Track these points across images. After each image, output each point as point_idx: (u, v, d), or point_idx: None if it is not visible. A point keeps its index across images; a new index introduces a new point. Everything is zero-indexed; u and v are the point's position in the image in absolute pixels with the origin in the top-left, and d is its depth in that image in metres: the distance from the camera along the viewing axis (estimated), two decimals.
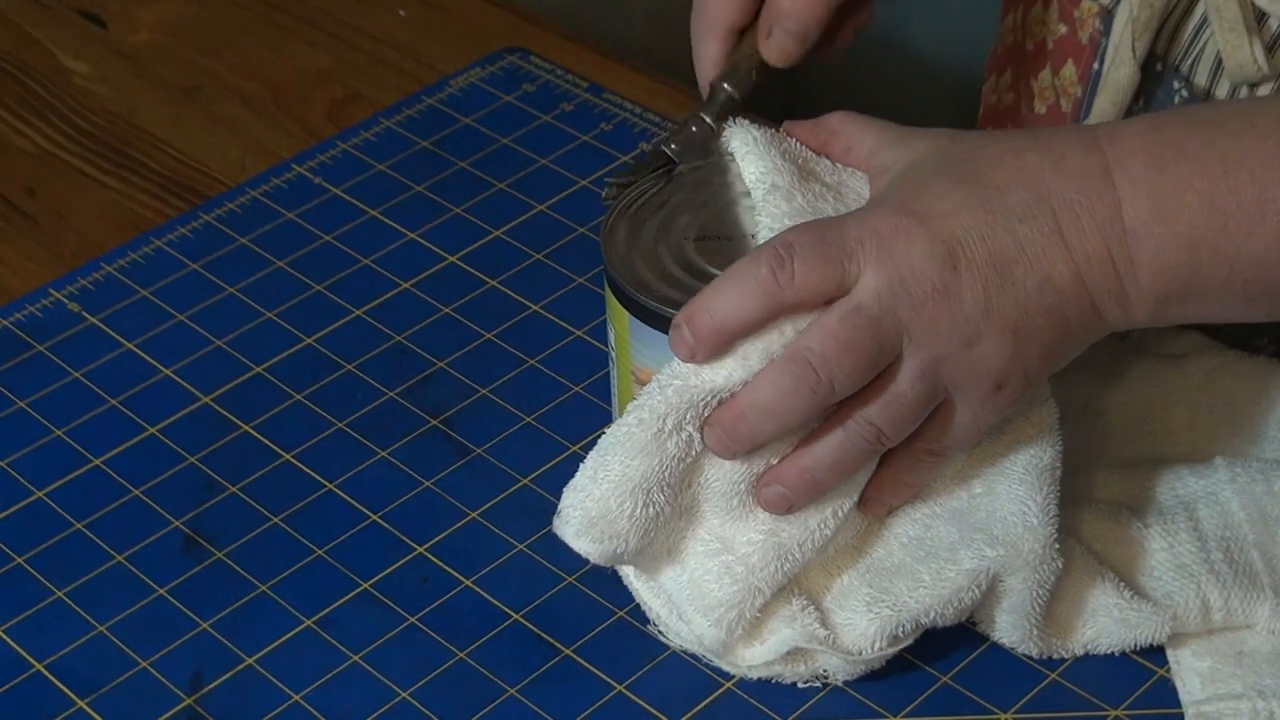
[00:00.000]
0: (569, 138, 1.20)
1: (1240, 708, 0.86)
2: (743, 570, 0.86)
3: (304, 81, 1.29)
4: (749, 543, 0.86)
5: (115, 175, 1.22)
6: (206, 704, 0.90)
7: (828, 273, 0.81)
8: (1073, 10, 1.01)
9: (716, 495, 0.86)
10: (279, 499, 0.99)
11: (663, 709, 0.89)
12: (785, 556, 0.86)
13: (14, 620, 0.94)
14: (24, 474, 1.01)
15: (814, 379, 0.81)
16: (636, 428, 0.84)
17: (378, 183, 1.18)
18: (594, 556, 0.86)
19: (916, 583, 0.86)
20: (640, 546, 0.86)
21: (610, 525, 0.85)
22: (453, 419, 1.02)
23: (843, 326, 0.81)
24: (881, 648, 0.87)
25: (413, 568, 0.95)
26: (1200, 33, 0.96)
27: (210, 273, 1.12)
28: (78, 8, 1.37)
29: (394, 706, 0.89)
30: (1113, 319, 0.84)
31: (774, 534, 0.86)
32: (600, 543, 0.85)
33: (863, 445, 0.84)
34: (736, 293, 0.82)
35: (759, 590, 0.86)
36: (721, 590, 0.86)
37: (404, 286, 1.11)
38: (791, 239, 0.82)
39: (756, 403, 0.82)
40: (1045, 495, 0.86)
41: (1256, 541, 0.89)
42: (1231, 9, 0.94)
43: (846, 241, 0.81)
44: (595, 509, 0.85)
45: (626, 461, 0.84)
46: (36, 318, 1.10)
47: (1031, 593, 0.86)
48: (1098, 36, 1.00)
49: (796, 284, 0.81)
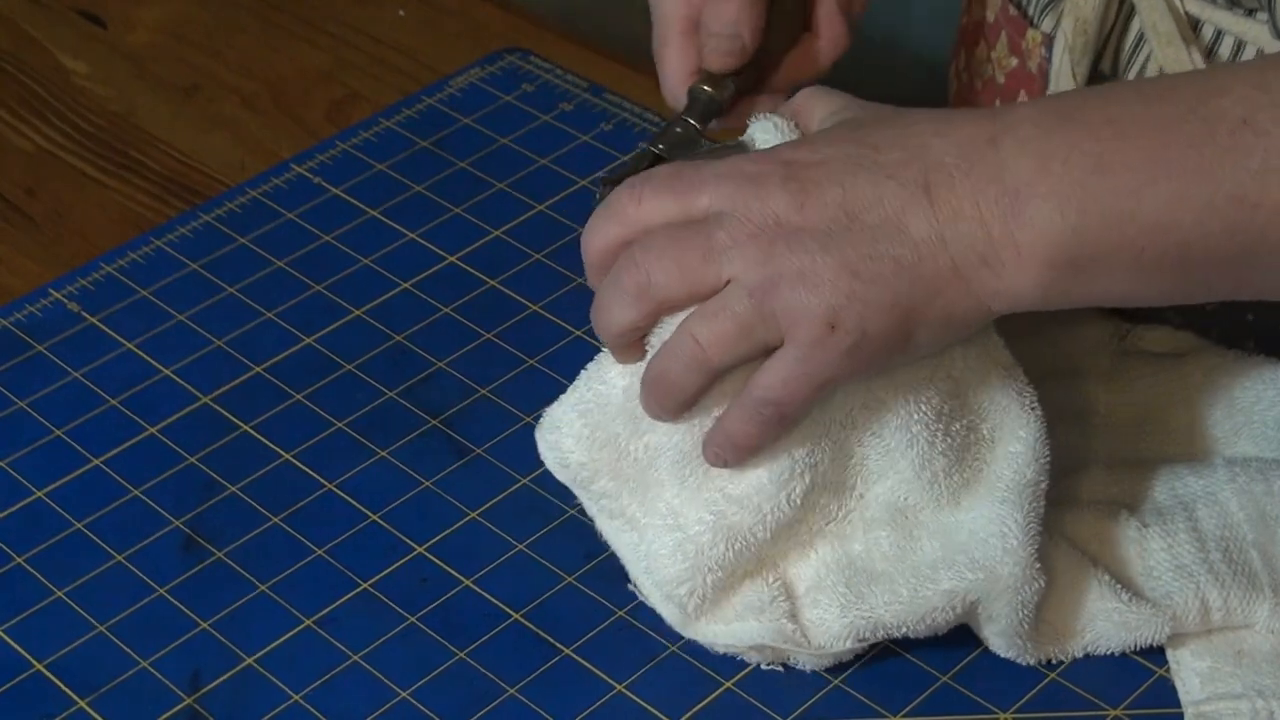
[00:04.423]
0: (569, 138, 1.20)
1: (1240, 708, 0.86)
2: (693, 549, 0.87)
3: (303, 81, 1.29)
4: (699, 521, 0.87)
5: (115, 175, 1.22)
6: (206, 704, 0.90)
7: (672, 200, 0.84)
8: (1020, 41, 1.01)
9: (669, 463, 0.87)
10: (279, 499, 0.99)
11: (663, 709, 0.89)
12: (735, 539, 0.86)
13: (14, 620, 0.94)
14: (24, 474, 1.01)
15: (638, 277, 0.84)
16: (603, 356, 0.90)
17: (377, 183, 1.18)
18: (547, 462, 0.91)
19: (894, 596, 0.86)
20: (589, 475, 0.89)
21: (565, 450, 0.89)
22: (453, 419, 1.02)
23: (672, 235, 0.83)
24: (849, 645, 0.87)
25: (412, 567, 0.95)
26: (1139, 48, 0.96)
27: (210, 273, 1.12)
28: (78, 8, 1.37)
29: (394, 706, 0.89)
30: (985, 287, 0.81)
31: (723, 516, 0.86)
32: (559, 466, 0.90)
33: (685, 357, 0.83)
34: (597, 221, 0.86)
35: (710, 569, 0.87)
36: (674, 567, 0.87)
37: (404, 286, 1.11)
38: (654, 171, 0.85)
39: (596, 306, 0.86)
40: (1027, 514, 0.86)
41: (1256, 541, 0.89)
42: (1167, 24, 0.94)
43: (703, 177, 0.84)
44: (562, 423, 0.90)
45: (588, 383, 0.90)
46: (36, 318, 1.10)
47: (1016, 614, 0.86)
48: (1045, 65, 1.00)
49: (644, 207, 0.84)
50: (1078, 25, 0.96)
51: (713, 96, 0.94)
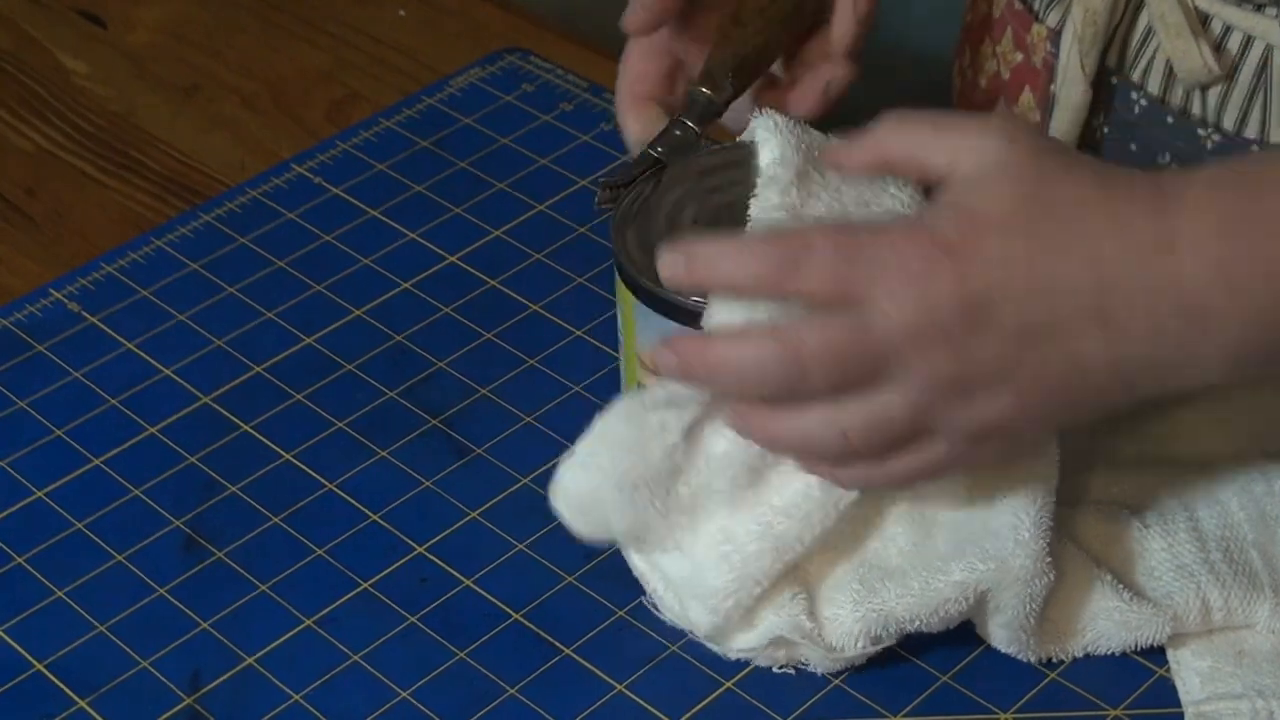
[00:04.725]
0: (569, 138, 1.20)
1: (1240, 707, 0.86)
2: (739, 559, 0.86)
3: (303, 81, 1.29)
4: (747, 533, 0.86)
5: (115, 175, 1.22)
6: (206, 704, 0.90)
7: (837, 288, 0.78)
8: (1025, 36, 1.01)
9: (720, 498, 0.86)
10: (279, 499, 0.99)
11: (663, 709, 0.89)
12: (783, 549, 0.86)
13: (14, 620, 0.94)
14: (24, 474, 1.01)
15: (797, 374, 0.79)
16: (625, 422, 0.85)
17: (377, 183, 1.18)
18: (586, 538, 0.89)
19: (905, 589, 0.86)
20: (631, 537, 0.88)
21: (597, 512, 0.87)
22: (453, 419, 1.02)
23: (846, 340, 0.78)
24: (863, 646, 0.87)
25: (412, 567, 0.95)
26: (1146, 42, 0.96)
27: (210, 273, 1.12)
28: (78, 8, 1.37)
29: (394, 706, 0.89)
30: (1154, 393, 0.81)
31: (771, 527, 0.86)
32: (591, 527, 0.88)
33: (830, 447, 0.82)
34: (741, 258, 0.80)
35: (756, 580, 0.86)
36: (719, 579, 0.86)
37: (404, 286, 1.11)
38: (815, 242, 0.78)
39: (730, 359, 0.80)
40: (1039, 507, 0.86)
41: (1256, 541, 0.89)
42: (1175, 15, 0.94)
43: (871, 264, 0.78)
44: (586, 497, 0.87)
45: (613, 455, 0.85)
46: (36, 318, 1.10)
47: (1024, 606, 0.86)
48: (1050, 59, 1.00)
49: (801, 286, 0.79)
50: (1088, 15, 0.96)
51: (711, 98, 0.94)
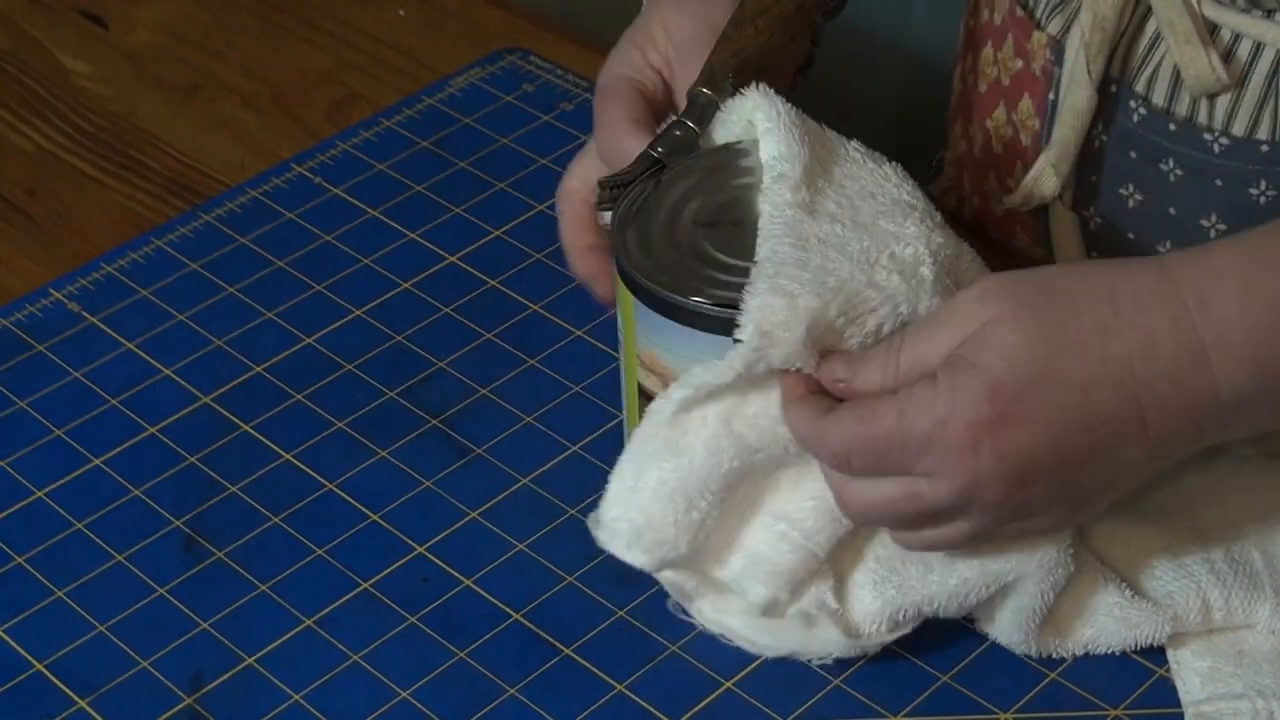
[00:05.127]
0: (569, 138, 1.20)
1: (1240, 707, 0.86)
2: (798, 535, 0.86)
3: (303, 81, 1.29)
4: (800, 510, 0.86)
5: (115, 175, 1.22)
6: (206, 704, 0.90)
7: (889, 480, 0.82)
8: (1025, 43, 1.01)
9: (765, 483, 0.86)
10: (279, 499, 0.99)
11: (663, 709, 0.89)
12: (839, 519, 0.86)
13: (14, 620, 0.94)
14: (24, 474, 1.01)
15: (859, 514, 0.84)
16: (662, 429, 0.84)
17: (378, 183, 1.18)
18: (648, 567, 0.86)
19: (926, 571, 0.86)
20: (692, 550, 0.86)
21: (657, 533, 0.85)
22: (453, 419, 1.02)
23: (907, 504, 0.82)
24: (882, 630, 0.87)
25: (413, 567, 0.95)
26: (1153, 50, 0.96)
27: (210, 273, 1.12)
28: (78, 8, 1.37)
29: (394, 706, 0.89)
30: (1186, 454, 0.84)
31: (824, 499, 0.85)
32: (651, 552, 0.85)
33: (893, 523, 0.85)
34: None
35: (814, 555, 0.86)
36: (780, 557, 0.86)
37: (404, 286, 1.11)
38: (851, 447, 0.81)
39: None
40: None
41: (1257, 541, 0.89)
42: (1185, 23, 0.93)
43: (910, 449, 0.80)
44: (640, 518, 0.85)
45: (661, 465, 0.84)
46: (36, 318, 1.10)
47: (1042, 595, 0.86)
48: (1049, 67, 1.00)
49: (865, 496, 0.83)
50: (1095, 21, 0.95)
51: (711, 99, 0.94)
